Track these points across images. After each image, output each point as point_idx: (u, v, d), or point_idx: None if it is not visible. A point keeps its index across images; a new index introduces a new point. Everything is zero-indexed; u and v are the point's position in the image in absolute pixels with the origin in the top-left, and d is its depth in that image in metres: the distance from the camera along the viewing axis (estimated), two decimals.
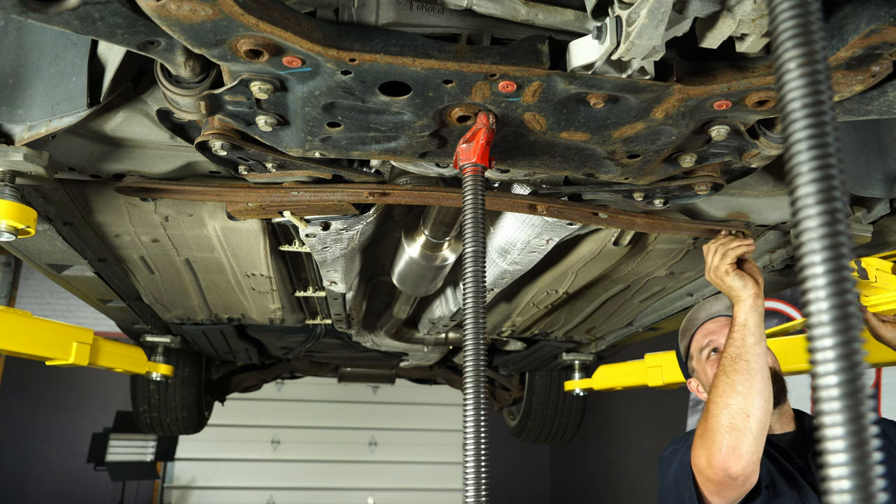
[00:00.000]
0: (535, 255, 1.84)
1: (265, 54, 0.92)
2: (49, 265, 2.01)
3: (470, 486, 0.93)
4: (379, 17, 0.96)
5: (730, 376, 1.42)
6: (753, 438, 1.37)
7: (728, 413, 1.39)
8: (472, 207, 1.05)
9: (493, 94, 1.03)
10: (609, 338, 3.14)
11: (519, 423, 4.41)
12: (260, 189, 1.47)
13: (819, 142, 0.51)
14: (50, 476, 8.48)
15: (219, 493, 9.06)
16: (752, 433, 1.37)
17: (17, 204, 1.31)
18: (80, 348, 2.51)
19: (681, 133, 1.17)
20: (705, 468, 1.40)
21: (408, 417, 9.69)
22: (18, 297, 8.81)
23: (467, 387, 0.97)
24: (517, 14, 0.94)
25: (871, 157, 1.51)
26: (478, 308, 1.00)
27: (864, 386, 0.48)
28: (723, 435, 1.37)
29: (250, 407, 8.53)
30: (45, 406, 8.66)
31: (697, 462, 1.43)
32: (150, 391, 3.72)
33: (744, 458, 1.36)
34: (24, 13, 0.83)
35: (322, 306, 2.72)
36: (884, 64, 0.99)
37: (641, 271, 2.18)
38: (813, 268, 0.50)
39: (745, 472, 1.37)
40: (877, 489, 0.46)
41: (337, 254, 1.84)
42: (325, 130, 1.14)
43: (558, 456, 9.83)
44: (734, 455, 1.36)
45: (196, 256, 2.01)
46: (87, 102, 1.13)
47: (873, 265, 1.73)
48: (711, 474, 1.39)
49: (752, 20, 0.89)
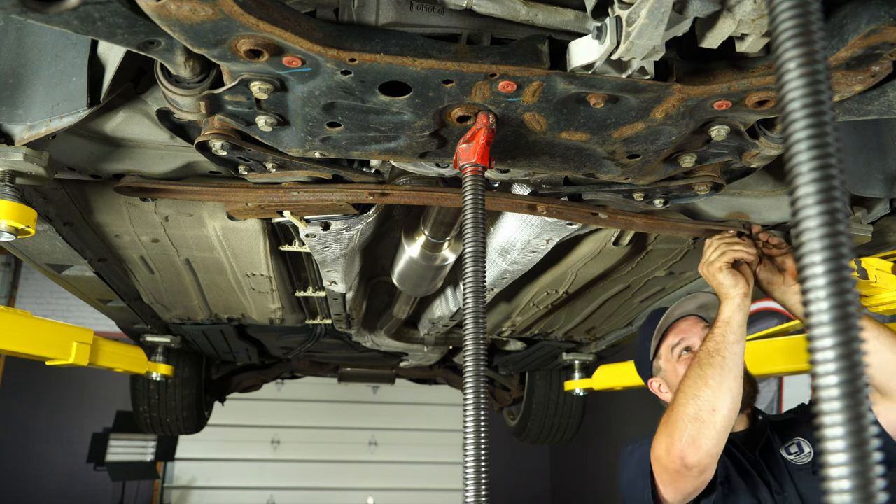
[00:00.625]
0: (535, 255, 1.84)
1: (265, 54, 0.92)
2: (49, 265, 2.01)
3: (470, 486, 0.93)
4: (379, 17, 0.96)
5: (703, 369, 1.43)
6: (716, 433, 1.38)
7: (695, 404, 1.40)
8: (472, 207, 1.05)
9: (493, 94, 1.03)
10: (609, 338, 3.14)
11: (519, 423, 4.41)
12: (259, 189, 1.47)
13: (819, 142, 0.51)
14: (50, 476, 8.47)
15: (219, 493, 9.06)
16: (716, 428, 1.38)
17: (17, 204, 1.31)
18: (80, 348, 2.51)
19: (681, 133, 1.17)
20: (663, 456, 1.41)
21: (408, 417, 9.69)
22: (18, 297, 8.80)
23: (467, 387, 0.97)
24: (517, 14, 0.94)
25: (871, 157, 1.51)
26: (478, 308, 1.00)
27: (864, 386, 0.48)
28: (685, 424, 1.39)
29: (250, 407, 8.53)
30: (45, 406, 8.65)
31: (656, 450, 1.44)
32: (150, 391, 3.72)
33: (702, 450, 1.37)
34: (24, 13, 0.83)
35: (322, 306, 2.72)
36: (884, 64, 0.99)
37: (641, 271, 2.18)
38: (813, 268, 0.50)
39: (702, 464, 1.38)
40: (877, 489, 0.46)
41: (337, 254, 1.84)
42: (325, 130, 1.14)
43: (558, 456, 9.82)
44: (693, 446, 1.37)
45: (196, 256, 2.01)
46: (87, 102, 1.13)
47: (873, 265, 1.72)
48: (668, 462, 1.40)
49: (752, 20, 0.89)
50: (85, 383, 8.59)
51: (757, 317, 5.22)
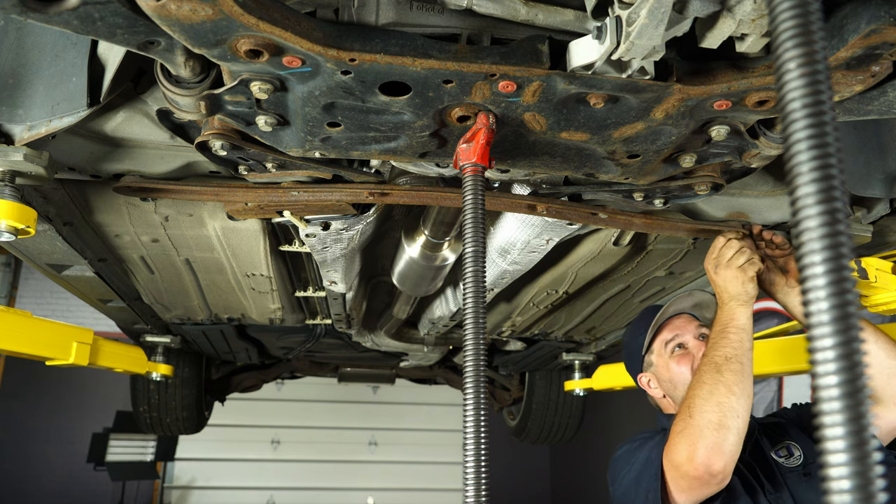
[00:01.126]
0: (535, 255, 1.84)
1: (265, 54, 0.92)
2: (49, 265, 2.01)
3: (470, 486, 0.93)
4: (379, 17, 0.96)
5: (724, 375, 1.44)
6: (737, 438, 1.40)
7: (720, 411, 1.41)
8: (472, 207, 1.05)
9: (493, 94, 1.03)
10: (609, 338, 3.14)
11: (519, 423, 4.41)
12: (259, 189, 1.47)
13: (819, 142, 0.51)
14: (50, 476, 8.48)
15: (219, 493, 9.06)
16: (738, 432, 1.40)
17: (17, 204, 1.31)
18: (80, 348, 2.51)
19: (681, 133, 1.17)
20: (684, 463, 1.41)
21: (408, 417, 9.69)
22: (18, 297, 8.81)
23: (467, 387, 0.97)
24: (517, 14, 0.94)
25: (871, 157, 1.51)
26: (478, 308, 1.00)
27: (864, 386, 0.48)
28: (710, 431, 1.39)
29: (250, 407, 8.53)
30: (45, 406, 8.66)
31: (676, 457, 1.43)
32: (150, 391, 3.72)
33: (726, 455, 1.38)
34: (24, 13, 0.83)
35: (322, 306, 2.72)
36: (884, 64, 0.99)
37: (641, 271, 2.18)
38: (813, 268, 0.50)
39: (726, 471, 1.39)
40: (877, 489, 0.46)
41: (337, 254, 1.84)
42: (325, 130, 1.14)
43: (558, 456, 9.83)
44: (718, 452, 1.38)
45: (196, 256, 2.01)
46: (87, 102, 1.13)
47: (873, 265, 1.73)
48: (690, 469, 1.40)
49: (752, 20, 0.89)
50: (85, 383, 8.60)
51: (757, 317, 5.22)
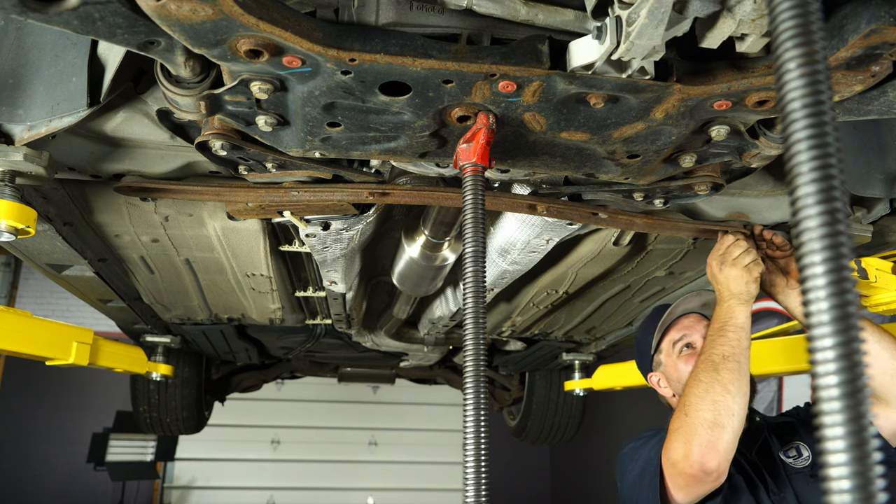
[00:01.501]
0: (535, 255, 1.84)
1: (265, 54, 0.92)
2: (49, 265, 2.01)
3: (470, 486, 0.93)
4: (379, 17, 0.96)
5: (721, 374, 1.45)
6: (733, 436, 1.40)
7: (714, 409, 1.41)
8: (472, 207, 1.05)
9: (493, 94, 1.03)
10: (609, 338, 3.14)
11: (519, 423, 4.41)
12: (259, 189, 1.47)
13: (819, 142, 0.51)
14: (50, 476, 8.48)
15: (219, 493, 9.06)
16: (733, 431, 1.40)
17: (17, 204, 1.31)
18: (80, 348, 2.51)
19: (681, 133, 1.17)
20: (680, 461, 1.42)
21: (408, 417, 9.69)
22: (18, 297, 8.81)
23: (467, 387, 0.97)
24: (517, 14, 0.94)
25: (871, 157, 1.51)
26: (478, 308, 1.00)
27: (864, 386, 0.48)
28: (704, 429, 1.40)
29: (250, 407, 8.53)
30: (45, 406, 8.66)
31: (672, 455, 1.44)
32: (150, 391, 3.72)
33: (721, 454, 1.39)
34: (24, 13, 0.83)
35: (322, 306, 2.72)
36: (884, 64, 0.99)
37: (641, 271, 2.18)
38: (813, 268, 0.50)
39: (721, 469, 1.40)
40: (877, 489, 0.46)
41: (337, 254, 1.84)
42: (325, 130, 1.14)
43: (558, 456, 9.83)
44: (713, 451, 1.39)
45: (196, 256, 2.01)
46: (87, 102, 1.13)
47: (873, 265, 1.72)
48: (686, 467, 1.41)
49: (752, 20, 0.89)
50: (85, 383, 8.60)
51: (757, 317, 5.22)
